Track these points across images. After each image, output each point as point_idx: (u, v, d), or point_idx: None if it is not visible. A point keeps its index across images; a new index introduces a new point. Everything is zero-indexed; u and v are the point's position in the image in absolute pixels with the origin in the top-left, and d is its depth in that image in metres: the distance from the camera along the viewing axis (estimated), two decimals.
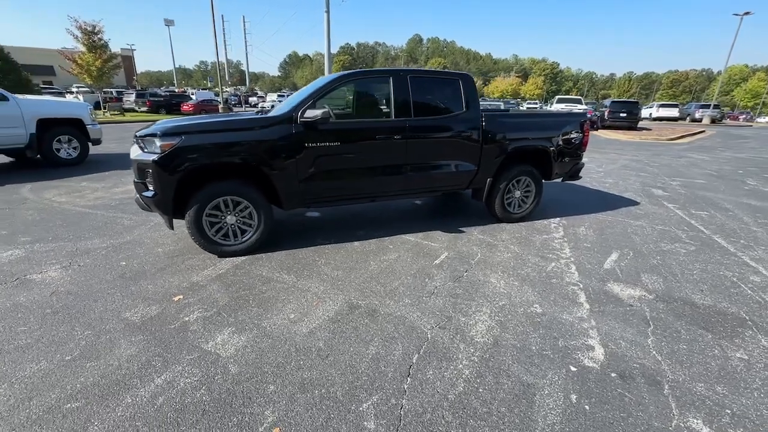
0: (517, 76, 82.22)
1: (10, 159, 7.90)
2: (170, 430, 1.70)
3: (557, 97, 23.36)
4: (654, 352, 2.31)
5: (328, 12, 22.38)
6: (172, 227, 3.41)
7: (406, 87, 3.81)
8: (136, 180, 3.33)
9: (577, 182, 6.93)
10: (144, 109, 26.35)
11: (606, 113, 20.35)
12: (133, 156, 3.26)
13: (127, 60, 53.08)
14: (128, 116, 22.48)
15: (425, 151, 3.97)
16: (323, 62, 24.72)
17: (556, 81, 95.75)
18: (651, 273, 3.38)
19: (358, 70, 3.88)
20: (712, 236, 4.35)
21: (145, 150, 3.19)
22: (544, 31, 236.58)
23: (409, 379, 2.05)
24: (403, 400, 1.90)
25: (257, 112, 4.23)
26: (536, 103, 42.41)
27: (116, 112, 23.25)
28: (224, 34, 49.74)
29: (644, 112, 33.92)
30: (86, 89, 28.35)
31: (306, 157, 3.48)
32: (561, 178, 4.94)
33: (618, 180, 7.41)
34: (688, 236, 4.34)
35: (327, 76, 3.89)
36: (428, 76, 4.07)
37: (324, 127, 3.49)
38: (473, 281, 3.17)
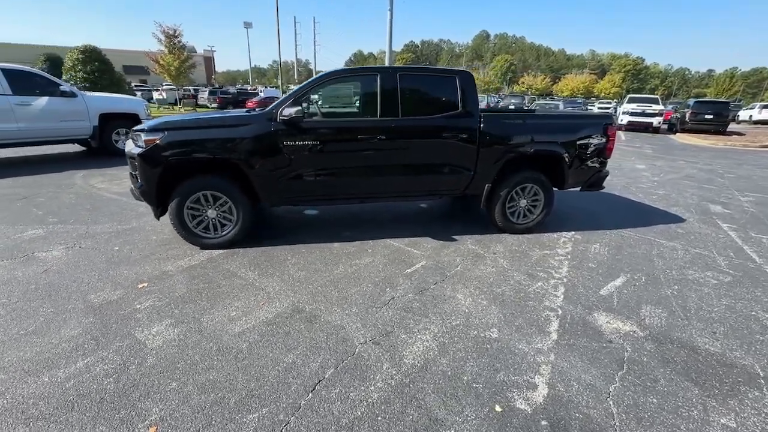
0: (592, 73, 75.64)
1: (83, 148, 9.04)
2: (62, 413, 1.78)
3: (629, 96, 21.00)
4: (610, 402, 1.94)
5: (391, 10, 22.46)
6: (158, 217, 3.62)
7: (394, 85, 3.63)
8: (130, 172, 3.58)
9: (616, 191, 6.21)
10: (214, 105, 28.69)
11: (687, 115, 17.87)
12: (126, 149, 3.51)
13: (208, 60, 58.33)
14: (199, 111, 24.66)
15: (413, 153, 3.75)
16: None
17: (639, 78, 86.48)
18: (656, 305, 2.86)
19: (347, 68, 3.77)
20: (762, 266, 3.58)
21: (136, 144, 3.42)
22: (629, 27, 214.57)
23: (310, 394, 1.94)
24: (292, 418, 1.80)
25: (248, 110, 4.32)
26: (610, 103, 38.73)
27: (189, 108, 25.63)
28: (296, 34, 52.33)
29: (743, 114, 29.35)
30: (170, 87, 31.72)
31: (285, 155, 3.48)
32: (579, 188, 4.40)
33: (671, 192, 6.45)
34: (729, 264, 3.62)
35: (317, 75, 3.85)
36: (421, 73, 3.84)
37: (304, 125, 3.47)
38: (437, 295, 2.93)
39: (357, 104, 4.02)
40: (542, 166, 4.15)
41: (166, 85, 34.45)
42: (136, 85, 36.10)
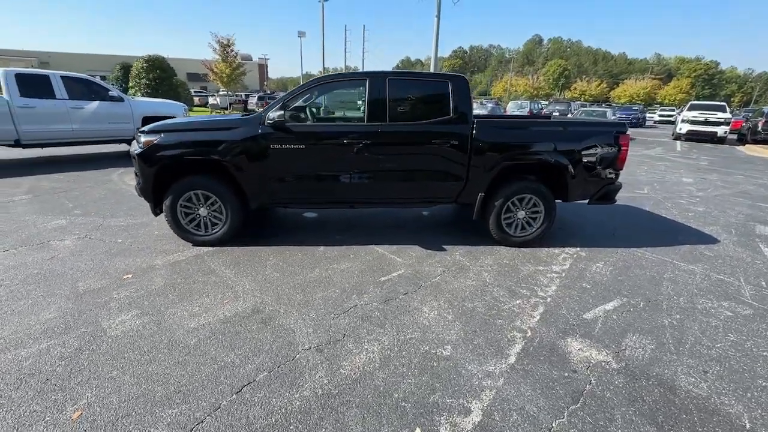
0: (656, 78, 69.99)
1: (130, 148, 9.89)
2: (8, 390, 1.93)
3: (690, 103, 19.14)
4: None
5: (438, 17, 22.41)
6: (155, 214, 3.84)
7: (382, 90, 3.59)
8: (134, 171, 3.85)
9: (646, 207, 5.68)
10: (261, 109, 30.23)
11: (760, 124, 15.91)
12: (130, 150, 3.78)
13: (261, 67, 61.63)
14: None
15: (400, 159, 3.69)
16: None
17: (712, 84, 78.75)
18: (645, 335, 2.55)
19: (337, 72, 3.80)
20: None
21: (138, 145, 3.67)
22: (701, 29, 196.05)
23: (234, 395, 1.94)
24: (208, 417, 1.81)
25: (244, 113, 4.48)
26: (672, 110, 35.70)
27: (237, 112, 27.23)
28: (345, 42, 53.77)
29: None
30: (224, 93, 34.04)
31: (271, 158, 3.56)
32: (587, 200, 4.06)
33: (713, 209, 5.76)
34: (756, 295, 3.14)
35: (308, 81, 3.91)
36: (411, 78, 3.77)
37: (289, 129, 3.53)
38: (401, 306, 2.83)
39: (348, 109, 4.02)
40: (543, 175, 3.89)
41: (222, 91, 37.04)
42: (196, 91, 39.03)
